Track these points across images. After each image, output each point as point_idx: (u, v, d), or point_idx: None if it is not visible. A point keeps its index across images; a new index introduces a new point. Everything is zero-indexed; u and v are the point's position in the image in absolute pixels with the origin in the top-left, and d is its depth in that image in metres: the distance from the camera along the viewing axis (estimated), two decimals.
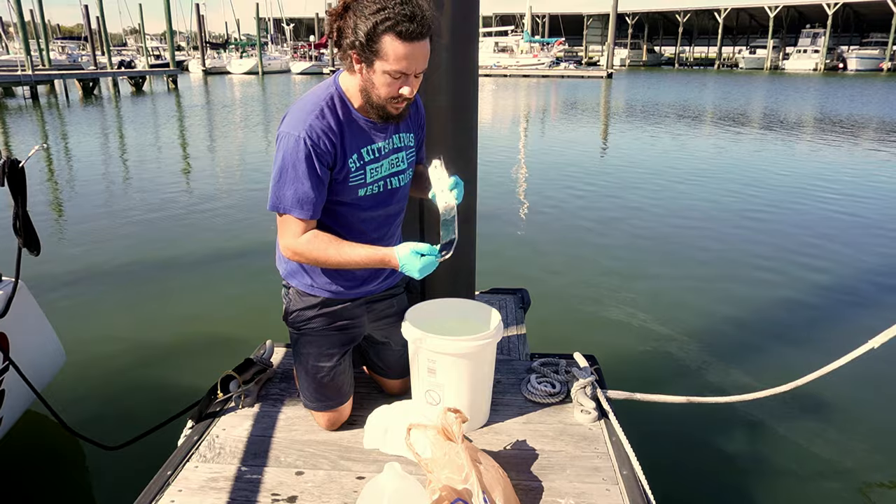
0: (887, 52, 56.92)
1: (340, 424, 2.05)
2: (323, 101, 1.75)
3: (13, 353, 2.56)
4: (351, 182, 1.81)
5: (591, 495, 1.71)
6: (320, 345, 2.00)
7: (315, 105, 1.74)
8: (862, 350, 1.91)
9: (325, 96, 1.76)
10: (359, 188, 1.83)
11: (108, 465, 2.81)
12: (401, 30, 1.57)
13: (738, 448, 2.99)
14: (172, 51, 42.58)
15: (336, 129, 1.73)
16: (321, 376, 2.01)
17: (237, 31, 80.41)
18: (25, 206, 2.34)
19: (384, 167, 1.87)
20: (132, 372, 3.71)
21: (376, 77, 1.66)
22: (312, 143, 1.69)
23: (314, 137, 1.69)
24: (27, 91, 25.20)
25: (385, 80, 1.66)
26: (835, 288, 5.04)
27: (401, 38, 1.58)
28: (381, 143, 1.84)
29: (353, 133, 1.78)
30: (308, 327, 2.00)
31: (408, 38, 1.59)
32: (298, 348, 2.04)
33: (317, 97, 1.76)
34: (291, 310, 2.01)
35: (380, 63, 1.63)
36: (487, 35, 59.69)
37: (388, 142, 1.87)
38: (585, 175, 9.71)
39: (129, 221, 7.06)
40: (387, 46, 1.60)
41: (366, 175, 1.82)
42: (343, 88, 1.78)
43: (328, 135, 1.71)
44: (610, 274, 5.39)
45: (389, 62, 1.61)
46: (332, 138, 1.72)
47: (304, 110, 1.73)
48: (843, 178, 9.42)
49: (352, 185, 1.81)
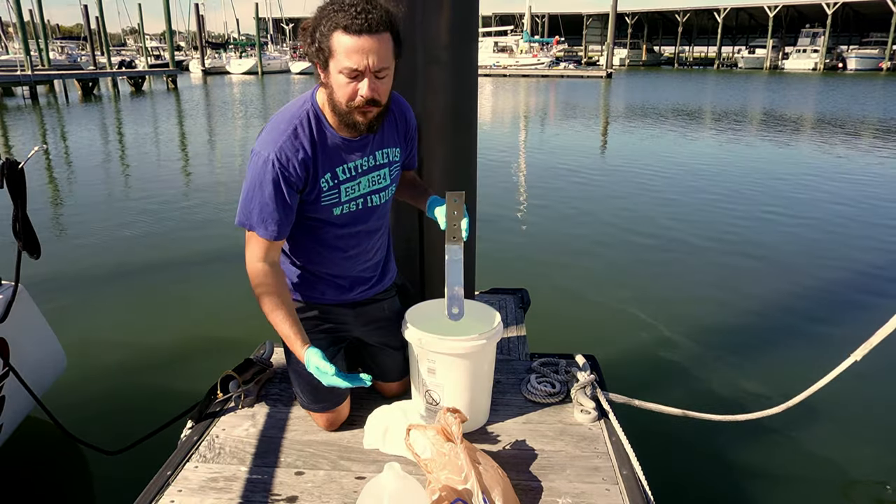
0: (887, 51, 56.94)
1: (340, 424, 2.04)
2: (297, 118, 1.71)
3: (14, 358, 2.54)
4: (324, 202, 1.78)
5: (591, 495, 1.71)
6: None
7: (289, 123, 1.70)
8: (846, 364, 1.92)
9: (300, 114, 1.72)
10: (333, 207, 1.80)
11: (108, 465, 2.80)
12: (346, 23, 1.53)
13: (737, 448, 2.99)
14: (172, 51, 42.60)
15: (309, 149, 1.70)
16: (313, 378, 1.97)
17: (237, 31, 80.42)
18: (25, 209, 2.32)
19: (362, 185, 1.83)
20: (132, 372, 3.71)
21: (333, 79, 1.62)
22: (281, 166, 1.67)
23: (283, 160, 1.67)
24: (26, 91, 25.18)
25: (341, 81, 1.60)
26: (838, 288, 5.04)
27: (347, 31, 1.54)
28: (358, 161, 1.80)
29: (328, 152, 1.74)
30: None
31: (355, 31, 1.54)
32: (288, 352, 2.01)
33: (291, 114, 1.73)
34: None
35: (333, 63, 1.59)
36: (487, 35, 59.72)
37: (368, 159, 1.82)
38: (585, 175, 9.71)
39: (128, 222, 7.06)
40: (335, 43, 1.56)
41: (340, 194, 1.79)
42: (319, 104, 1.74)
43: (298, 156, 1.69)
44: (610, 274, 5.39)
45: (340, 59, 1.57)
46: (303, 160, 1.69)
47: (277, 129, 1.70)
48: (844, 178, 9.42)
49: (325, 205, 1.78)
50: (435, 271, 2.72)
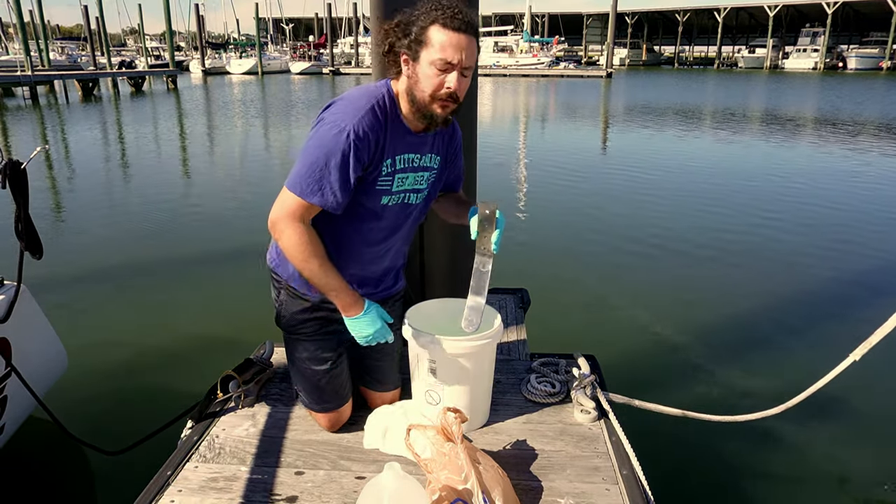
0: (887, 51, 56.87)
1: (342, 425, 2.04)
2: (375, 98, 1.74)
3: (16, 357, 2.54)
4: (379, 186, 1.78)
5: (591, 495, 1.71)
6: (315, 348, 1.98)
7: (368, 101, 1.72)
8: (845, 364, 1.91)
9: (378, 94, 1.75)
10: (383, 195, 1.81)
11: (108, 465, 2.81)
12: (445, 20, 1.63)
13: (737, 448, 2.99)
14: (172, 51, 42.60)
15: (383, 130, 1.73)
16: (318, 379, 1.98)
17: (237, 31, 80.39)
18: (28, 209, 2.32)
19: (409, 180, 1.85)
20: (132, 372, 3.71)
21: (422, 69, 1.66)
22: (357, 139, 1.67)
23: (360, 134, 1.67)
24: (27, 91, 25.16)
25: (430, 72, 1.65)
26: (838, 288, 5.04)
27: (445, 27, 1.63)
28: (413, 155, 1.82)
29: (395, 137, 1.76)
30: (301, 331, 1.97)
31: (452, 27, 1.63)
32: (292, 352, 2.01)
33: (370, 93, 1.75)
34: (283, 313, 1.98)
35: (425, 53, 1.65)
36: (487, 35, 59.66)
37: (421, 158, 1.85)
38: (586, 174, 9.71)
39: (129, 222, 7.06)
40: (432, 35, 1.64)
41: (393, 183, 1.80)
42: (394, 92, 1.78)
43: (376, 134, 1.70)
44: (610, 274, 5.39)
45: (435, 50, 1.63)
46: (378, 139, 1.71)
47: (355, 104, 1.71)
48: (843, 178, 9.42)
49: (378, 189, 1.79)
50: (435, 271, 2.72)
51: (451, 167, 2.00)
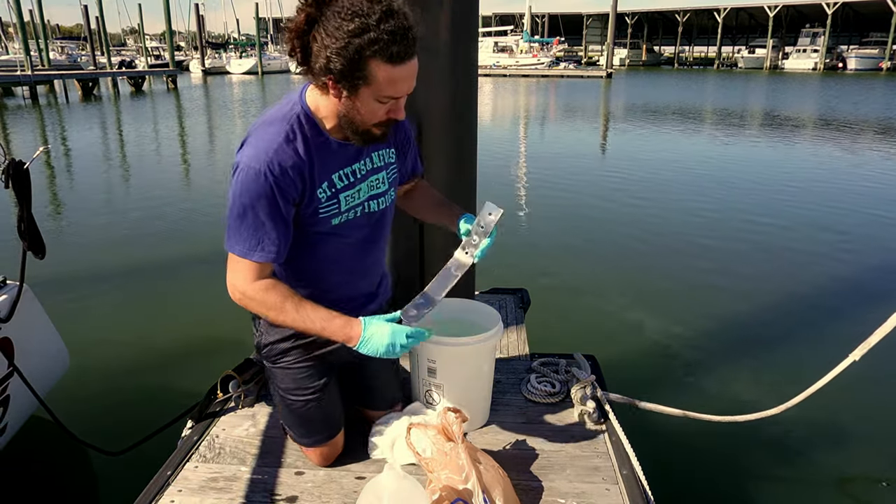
0: (887, 51, 56.85)
1: (335, 458, 1.87)
2: (287, 123, 1.53)
3: (18, 357, 2.54)
4: (322, 214, 1.60)
5: (591, 495, 1.71)
6: (300, 377, 1.80)
7: (278, 130, 1.51)
8: (845, 364, 1.92)
9: (290, 117, 1.54)
10: (332, 218, 1.62)
11: (108, 464, 2.80)
12: (391, 53, 1.37)
13: (737, 448, 2.99)
14: (172, 51, 42.62)
15: (304, 156, 1.52)
16: (305, 409, 1.82)
17: (237, 31, 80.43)
18: (30, 209, 2.32)
19: (362, 191, 1.66)
20: (132, 372, 3.71)
21: (362, 104, 1.46)
22: (275, 178, 1.47)
23: (276, 171, 1.47)
24: (26, 91, 25.17)
25: (373, 107, 1.47)
26: (837, 288, 5.04)
27: (391, 61, 1.38)
28: (356, 166, 1.63)
29: (324, 159, 1.57)
30: (283, 360, 1.80)
31: (399, 60, 1.39)
32: (276, 381, 1.84)
33: (280, 119, 1.54)
34: (263, 343, 1.82)
35: (367, 90, 1.43)
36: (487, 35, 59.64)
37: (365, 162, 1.66)
38: (586, 175, 9.71)
39: (129, 221, 7.06)
40: (375, 71, 1.39)
41: (339, 203, 1.62)
42: (312, 108, 1.56)
43: (295, 166, 1.50)
44: (610, 274, 5.39)
45: (380, 88, 1.42)
46: (300, 170, 1.52)
47: (265, 138, 1.51)
48: (843, 177, 9.42)
49: (323, 217, 1.61)
50: (435, 271, 2.71)
51: (408, 153, 1.83)
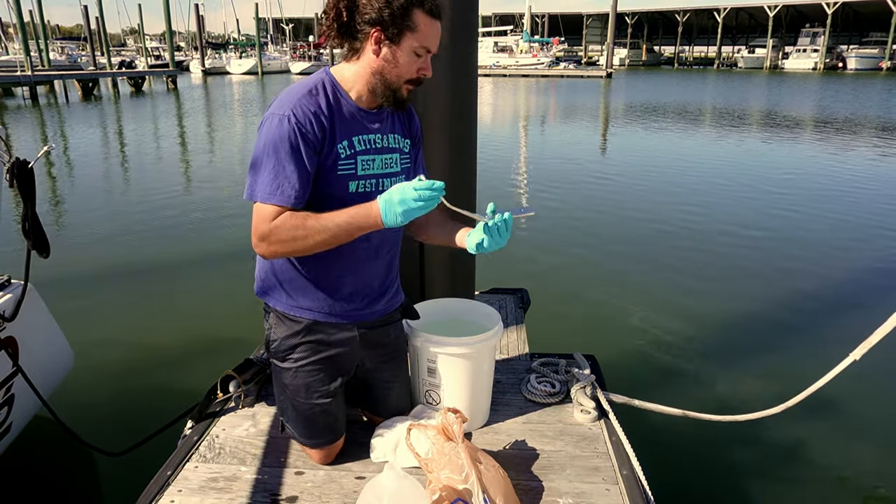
0: (887, 51, 56.88)
1: (334, 458, 1.88)
2: (313, 84, 1.66)
3: (23, 356, 2.54)
4: (340, 171, 1.65)
5: (591, 495, 1.71)
6: (309, 378, 1.80)
7: (304, 87, 1.64)
8: (845, 364, 1.91)
9: (316, 80, 1.67)
10: (349, 180, 1.67)
11: (108, 464, 2.82)
12: (430, 7, 1.59)
13: (737, 448, 2.99)
14: (172, 51, 42.62)
15: (325, 109, 1.62)
16: (311, 412, 1.81)
17: (237, 31, 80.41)
18: (35, 208, 2.31)
19: (377, 163, 1.72)
20: (132, 372, 3.71)
21: (402, 54, 1.61)
22: (297, 122, 1.57)
23: (300, 116, 1.57)
24: (27, 91, 25.18)
25: (411, 59, 1.62)
26: (837, 288, 5.04)
27: (431, 14, 1.60)
28: (374, 136, 1.71)
29: (344, 119, 1.67)
30: (293, 357, 1.79)
31: (435, 15, 1.61)
32: (283, 380, 1.82)
33: (307, 81, 1.67)
34: (273, 338, 1.81)
35: (410, 37, 1.59)
36: (487, 35, 59.68)
37: (383, 137, 1.74)
38: (586, 174, 9.71)
39: (130, 221, 7.06)
40: (419, 20, 1.58)
41: (357, 166, 1.68)
42: (336, 77, 1.69)
43: (317, 114, 1.60)
44: (610, 274, 5.39)
45: (420, 36, 1.60)
46: (321, 119, 1.61)
47: (290, 93, 1.63)
48: (842, 178, 9.42)
49: (341, 175, 1.66)
50: (435, 271, 2.72)
51: (419, 149, 1.91)
